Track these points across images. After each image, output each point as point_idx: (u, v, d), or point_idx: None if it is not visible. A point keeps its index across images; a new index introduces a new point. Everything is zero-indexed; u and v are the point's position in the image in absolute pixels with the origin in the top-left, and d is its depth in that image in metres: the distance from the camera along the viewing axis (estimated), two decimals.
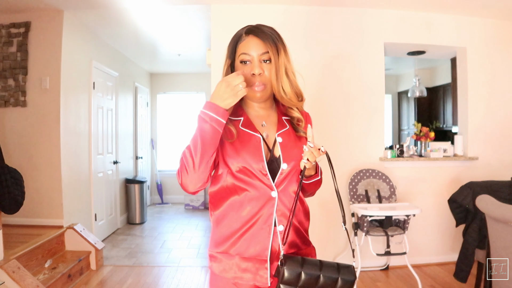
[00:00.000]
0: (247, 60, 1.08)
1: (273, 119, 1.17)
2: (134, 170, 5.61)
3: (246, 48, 1.08)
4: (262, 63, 1.07)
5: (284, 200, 1.08)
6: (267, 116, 1.17)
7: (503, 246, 1.90)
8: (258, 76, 1.07)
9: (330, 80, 3.29)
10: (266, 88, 1.08)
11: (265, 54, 1.07)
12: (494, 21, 3.45)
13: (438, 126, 5.59)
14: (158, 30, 4.01)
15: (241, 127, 1.11)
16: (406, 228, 2.89)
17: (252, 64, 1.07)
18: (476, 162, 3.41)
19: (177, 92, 6.60)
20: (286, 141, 1.11)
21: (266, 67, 1.07)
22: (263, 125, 1.15)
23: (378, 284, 2.98)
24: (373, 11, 3.31)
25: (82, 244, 3.23)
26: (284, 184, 1.09)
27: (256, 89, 1.08)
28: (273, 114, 1.18)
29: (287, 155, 1.09)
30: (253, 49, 1.07)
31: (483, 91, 3.45)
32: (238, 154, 1.07)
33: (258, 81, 1.07)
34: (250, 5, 3.15)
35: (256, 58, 1.07)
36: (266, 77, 1.08)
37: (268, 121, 1.16)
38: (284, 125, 1.15)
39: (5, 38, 3.26)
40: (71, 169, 3.45)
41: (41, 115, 3.27)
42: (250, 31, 1.09)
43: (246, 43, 1.09)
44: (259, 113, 1.16)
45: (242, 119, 1.13)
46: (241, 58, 1.09)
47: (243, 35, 1.10)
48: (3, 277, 2.23)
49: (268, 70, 1.08)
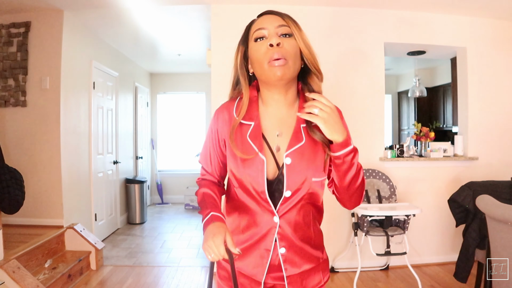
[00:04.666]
0: (262, 36, 0.93)
1: (291, 123, 0.98)
2: (134, 170, 5.61)
3: (260, 23, 0.95)
4: (280, 37, 0.92)
5: (289, 227, 0.96)
6: (286, 118, 0.98)
7: (503, 246, 1.90)
8: (277, 47, 0.89)
9: (330, 80, 3.28)
10: (287, 64, 0.89)
11: (283, 27, 0.92)
12: (494, 21, 3.45)
13: (438, 126, 5.59)
14: (158, 30, 4.01)
15: (249, 138, 0.95)
16: (406, 228, 2.89)
17: (269, 37, 0.92)
18: (476, 162, 3.41)
19: (177, 92, 6.60)
20: (296, 162, 0.93)
21: (286, 40, 0.91)
22: (278, 135, 0.97)
23: (378, 284, 2.98)
24: (373, 11, 3.31)
25: (82, 244, 3.22)
26: (291, 211, 0.95)
27: (276, 64, 0.88)
28: (293, 116, 0.98)
29: (292, 181, 0.93)
30: (268, 22, 0.93)
31: (483, 91, 3.45)
32: (238, 170, 0.96)
33: (277, 52, 0.88)
34: (250, 5, 3.15)
35: (272, 30, 0.92)
36: (287, 50, 0.90)
37: (286, 126, 0.98)
38: (300, 137, 0.95)
39: (5, 38, 3.26)
40: (71, 169, 3.45)
41: (41, 115, 3.27)
42: (264, 13, 0.98)
43: (260, 20, 0.96)
44: (277, 115, 0.99)
45: (253, 125, 0.96)
46: (256, 34, 0.94)
47: (256, 18, 0.99)
48: (3, 277, 2.23)
49: (289, 44, 0.91)
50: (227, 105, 1.04)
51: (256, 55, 0.93)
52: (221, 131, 1.02)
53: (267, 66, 0.90)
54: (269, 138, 0.97)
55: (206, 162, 1.08)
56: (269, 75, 0.90)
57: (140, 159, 5.85)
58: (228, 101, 1.05)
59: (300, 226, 0.97)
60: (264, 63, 0.90)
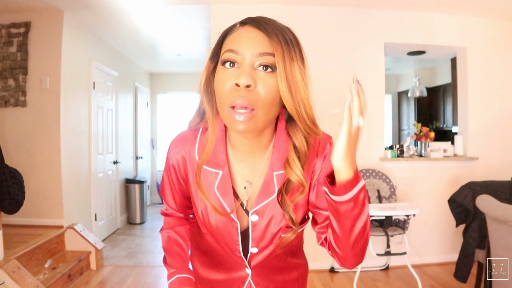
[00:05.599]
0: (232, 60, 0.66)
1: (263, 170, 0.77)
2: (134, 170, 5.61)
3: (235, 41, 0.67)
4: (256, 70, 0.65)
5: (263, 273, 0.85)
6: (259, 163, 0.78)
7: (503, 246, 1.90)
8: (245, 89, 0.63)
9: (330, 80, 3.28)
10: (255, 116, 0.65)
11: (265, 56, 0.64)
12: (494, 21, 3.45)
13: (438, 126, 5.59)
14: (158, 30, 4.01)
15: (217, 191, 0.77)
16: (406, 228, 2.89)
17: (240, 69, 0.65)
18: (476, 162, 3.41)
19: (177, 92, 6.59)
20: (263, 219, 0.77)
21: (263, 78, 0.65)
22: (245, 187, 0.78)
23: (378, 284, 2.98)
24: (373, 11, 3.31)
25: (82, 244, 3.22)
26: (264, 261, 0.83)
27: (237, 117, 0.64)
28: (266, 160, 0.77)
29: (258, 239, 0.79)
30: (245, 44, 0.65)
31: (483, 91, 3.45)
32: (205, 225, 0.81)
33: (243, 98, 0.63)
34: (250, 5, 3.15)
35: (248, 59, 0.65)
36: (258, 94, 0.64)
37: (256, 174, 0.78)
38: (271, 190, 0.76)
39: (5, 38, 3.25)
40: (71, 169, 3.45)
41: (41, 115, 3.27)
42: (248, 21, 0.69)
43: (237, 35, 0.68)
44: (246, 160, 0.78)
45: (221, 174, 0.77)
46: (225, 56, 0.66)
47: (237, 25, 0.70)
48: (3, 277, 2.23)
49: (265, 86, 0.65)
50: (185, 140, 0.82)
51: (218, 87, 0.68)
52: (180, 170, 0.83)
53: (227, 111, 0.66)
54: (239, 190, 0.79)
55: (169, 199, 0.89)
56: (229, 123, 0.67)
57: (140, 159, 5.85)
58: (187, 132, 0.83)
59: (277, 271, 0.86)
60: (225, 105, 0.66)
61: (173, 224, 0.91)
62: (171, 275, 0.84)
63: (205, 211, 0.80)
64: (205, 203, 0.78)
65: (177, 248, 0.87)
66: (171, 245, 0.88)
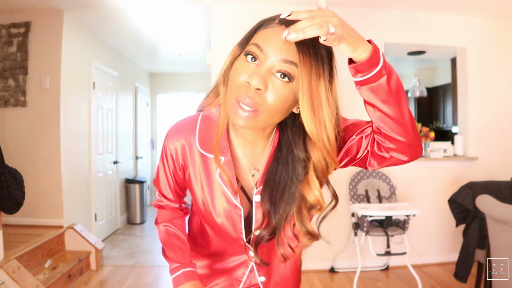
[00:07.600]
0: (256, 55, 0.65)
1: (266, 153, 0.79)
2: (134, 170, 5.61)
3: (265, 38, 0.66)
4: (273, 75, 0.65)
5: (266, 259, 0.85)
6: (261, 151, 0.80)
7: (503, 246, 1.90)
8: (254, 90, 0.64)
9: None
10: (257, 117, 0.66)
11: (288, 64, 0.63)
12: (494, 21, 3.45)
13: (438, 126, 5.59)
14: (158, 30, 4.01)
15: (219, 177, 0.77)
16: (406, 228, 2.89)
17: (257, 68, 0.65)
18: (476, 162, 3.41)
19: (177, 92, 6.59)
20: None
21: (276, 85, 0.64)
22: (253, 174, 0.79)
23: (378, 284, 2.98)
24: (373, 11, 3.31)
25: (82, 244, 3.22)
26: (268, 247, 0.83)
27: (240, 112, 0.65)
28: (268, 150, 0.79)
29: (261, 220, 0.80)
30: (272, 46, 0.64)
31: (483, 91, 3.44)
32: (206, 215, 0.82)
33: (249, 98, 0.64)
34: (250, 5, 3.15)
35: (269, 62, 0.64)
36: (266, 99, 0.65)
37: (260, 162, 0.80)
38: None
39: (5, 38, 3.25)
40: (71, 169, 3.45)
41: (41, 115, 3.27)
42: (285, 22, 0.67)
43: (268, 31, 0.67)
44: (251, 146, 0.79)
45: (223, 160, 0.76)
46: (250, 48, 0.66)
47: (275, 20, 0.69)
48: (3, 277, 2.23)
49: (276, 92, 0.64)
50: (184, 128, 0.81)
51: (232, 75, 0.69)
52: (177, 159, 0.83)
53: (233, 102, 0.66)
54: (241, 176, 0.80)
55: (164, 189, 0.89)
56: (231, 114, 0.67)
57: (140, 159, 5.85)
58: (186, 120, 0.83)
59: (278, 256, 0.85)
60: (232, 95, 0.67)
61: (169, 216, 0.91)
62: (175, 269, 0.85)
63: (206, 201, 0.80)
64: (206, 193, 0.79)
65: (177, 241, 0.88)
66: (171, 238, 0.88)
